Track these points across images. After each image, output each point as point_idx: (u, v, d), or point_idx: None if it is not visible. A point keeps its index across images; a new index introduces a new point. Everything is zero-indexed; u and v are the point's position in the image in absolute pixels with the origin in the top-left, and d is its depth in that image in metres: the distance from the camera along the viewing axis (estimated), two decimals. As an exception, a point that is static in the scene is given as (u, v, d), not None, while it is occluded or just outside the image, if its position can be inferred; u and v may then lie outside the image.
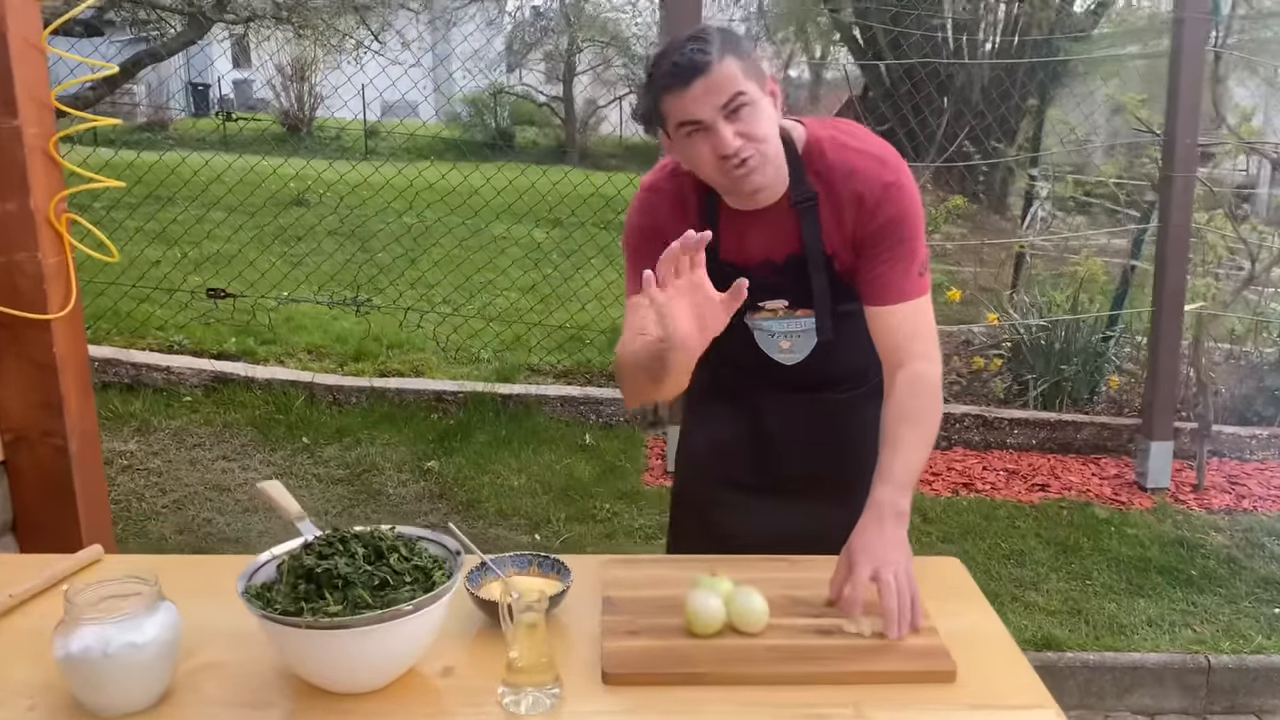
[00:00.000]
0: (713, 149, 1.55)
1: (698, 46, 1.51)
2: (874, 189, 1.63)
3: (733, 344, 1.84)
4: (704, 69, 1.50)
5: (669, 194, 1.73)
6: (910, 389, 1.63)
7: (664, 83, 1.53)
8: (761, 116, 1.56)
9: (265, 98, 18.57)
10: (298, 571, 1.39)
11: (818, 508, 1.87)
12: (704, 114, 1.53)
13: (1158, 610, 3.16)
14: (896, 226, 1.64)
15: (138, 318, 4.92)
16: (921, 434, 1.62)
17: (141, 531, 3.33)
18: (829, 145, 1.66)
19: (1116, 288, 4.90)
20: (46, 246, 2.17)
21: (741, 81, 1.52)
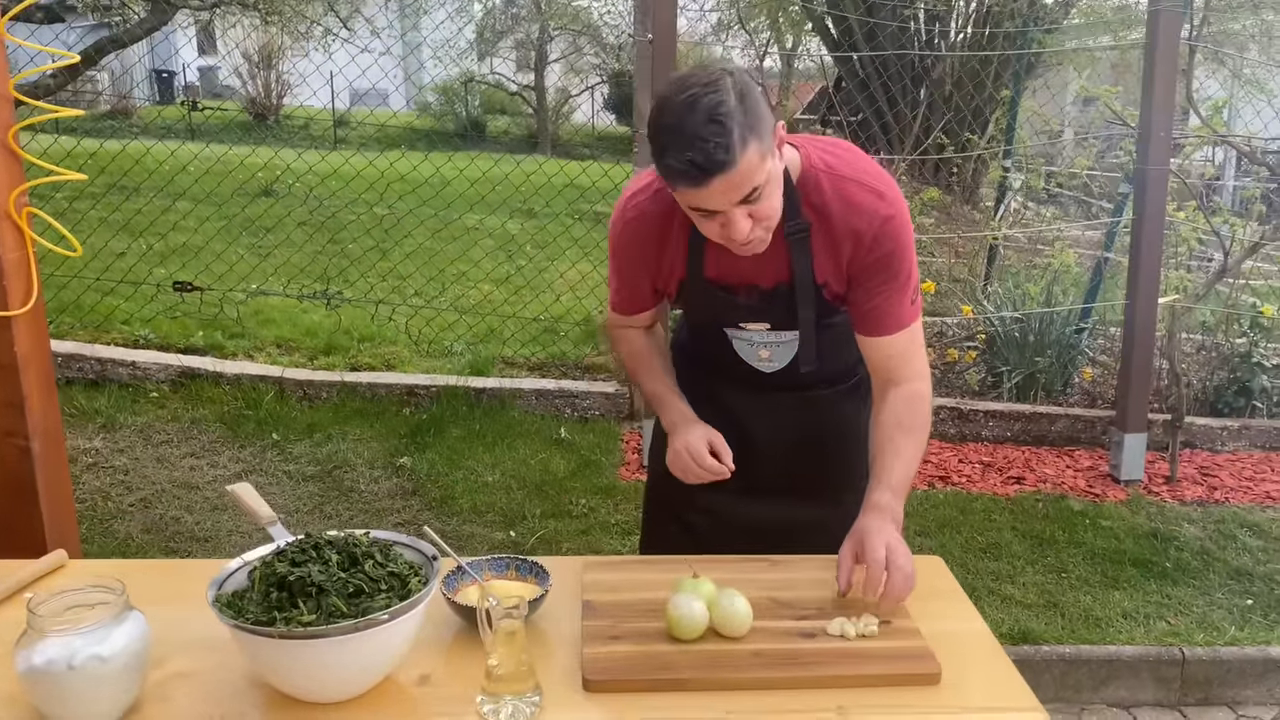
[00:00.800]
0: (721, 227, 1.50)
1: (718, 141, 1.38)
2: (872, 225, 1.60)
3: (711, 350, 1.82)
4: (724, 168, 1.40)
5: (653, 216, 1.68)
6: (907, 403, 1.68)
7: (678, 174, 1.42)
8: (773, 192, 1.50)
9: (232, 85, 18.31)
10: (270, 579, 1.36)
11: (795, 504, 1.87)
12: (720, 207, 1.47)
13: (1132, 603, 3.17)
14: (892, 260, 1.62)
15: (102, 311, 4.82)
16: (917, 444, 1.67)
17: (108, 531, 3.26)
18: (826, 177, 1.62)
19: (1090, 280, 4.92)
20: (6, 241, 2.11)
21: (759, 171, 1.43)
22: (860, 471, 1.91)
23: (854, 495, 1.90)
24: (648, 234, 1.69)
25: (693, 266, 1.70)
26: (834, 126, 6.87)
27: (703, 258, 1.68)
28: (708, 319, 1.79)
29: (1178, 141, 4.81)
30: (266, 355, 4.67)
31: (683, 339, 1.99)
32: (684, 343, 1.98)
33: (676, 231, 1.68)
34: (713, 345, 1.81)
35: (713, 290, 1.72)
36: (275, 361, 4.59)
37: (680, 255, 1.69)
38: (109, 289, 4.81)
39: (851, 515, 1.90)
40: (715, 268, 1.69)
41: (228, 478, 3.64)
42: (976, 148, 6.33)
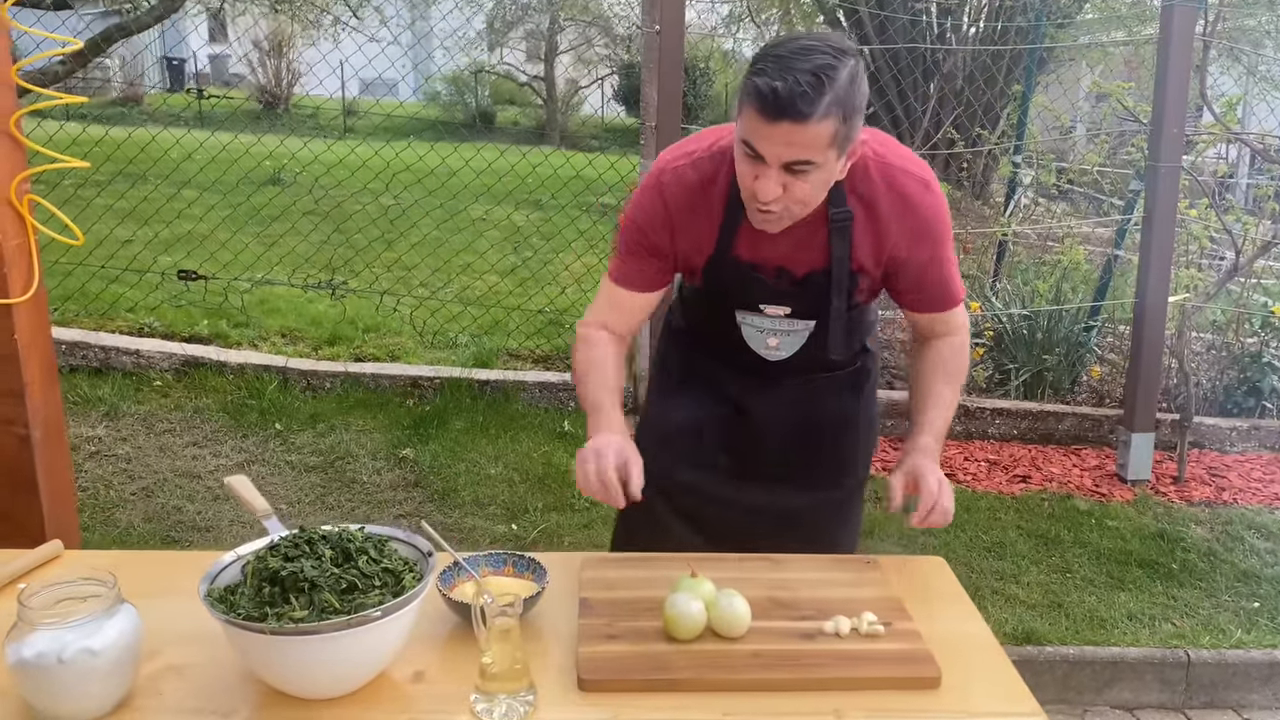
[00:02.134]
0: (752, 178, 1.49)
1: (810, 91, 1.37)
2: (925, 217, 1.62)
3: (717, 337, 1.80)
4: (800, 118, 1.39)
5: (690, 184, 1.64)
6: (953, 351, 1.76)
7: (757, 96, 1.40)
8: (818, 182, 1.48)
9: (241, 73, 18.31)
10: (262, 574, 1.35)
11: (791, 491, 1.86)
12: (767, 154, 1.45)
13: (1138, 604, 3.14)
14: (942, 245, 1.66)
15: (106, 299, 4.81)
16: (955, 391, 1.77)
17: (109, 520, 3.25)
18: (875, 165, 1.60)
19: (1099, 277, 4.88)
20: (7, 228, 2.11)
21: (821, 150, 1.42)
22: (856, 458, 1.91)
23: (851, 480, 1.91)
24: (683, 201, 1.65)
25: (723, 243, 1.66)
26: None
27: (735, 235, 1.65)
28: (726, 301, 1.74)
29: (1190, 138, 4.76)
30: (271, 345, 4.66)
31: (681, 324, 1.95)
32: (683, 327, 1.95)
33: (714, 204, 1.64)
34: (719, 331, 1.78)
35: (741, 268, 1.68)
36: (280, 351, 4.58)
37: (712, 230, 1.66)
38: (114, 277, 4.80)
39: (847, 501, 1.92)
40: (747, 248, 1.66)
41: (230, 467, 3.63)
42: (987, 143, 6.29)
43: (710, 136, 1.67)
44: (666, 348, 1.98)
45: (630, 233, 1.71)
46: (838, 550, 1.90)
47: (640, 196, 1.69)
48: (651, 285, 1.74)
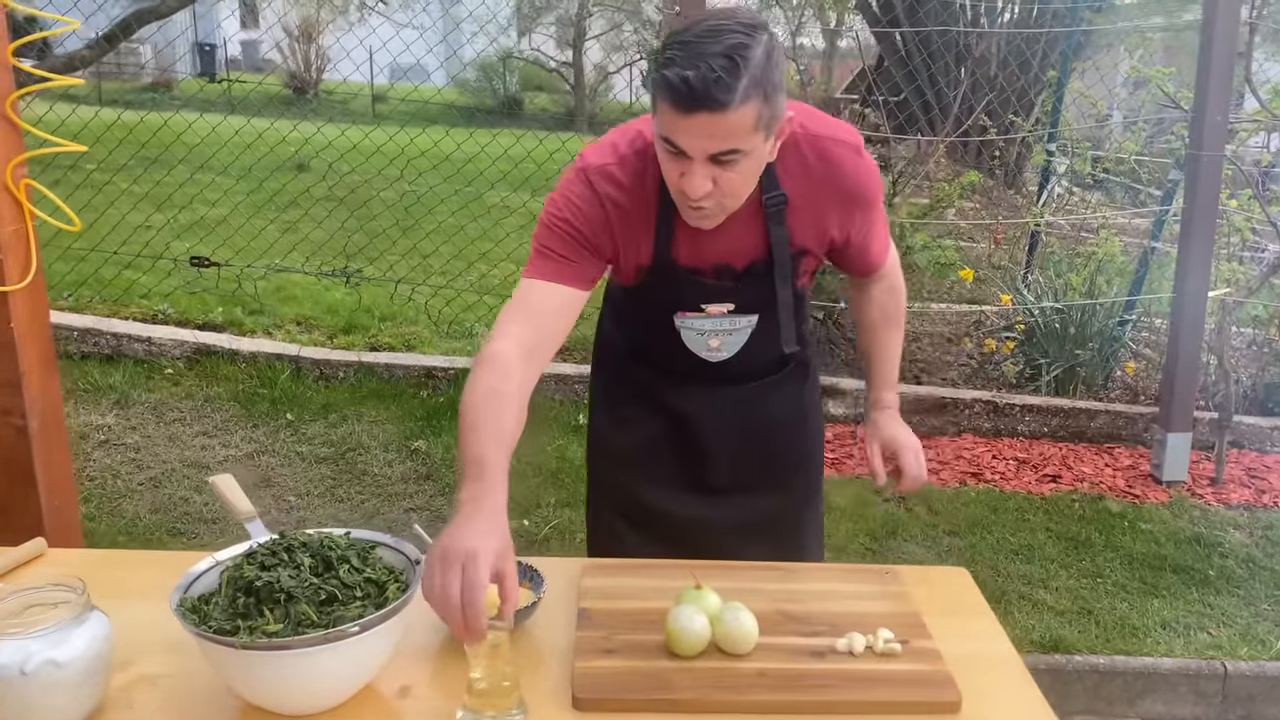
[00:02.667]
0: (678, 175, 1.39)
1: (724, 78, 1.27)
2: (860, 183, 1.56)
3: (654, 343, 1.71)
4: (717, 107, 1.29)
5: (622, 185, 1.52)
6: (889, 294, 1.77)
7: (670, 90, 1.31)
8: (749, 169, 1.39)
9: (273, 59, 18.38)
10: (237, 583, 1.28)
11: (748, 499, 1.79)
12: (689, 149, 1.35)
13: (1172, 612, 3.03)
14: (873, 205, 1.61)
15: (120, 285, 4.79)
16: (899, 332, 1.80)
17: (115, 510, 3.21)
18: (803, 140, 1.51)
19: (1135, 270, 4.73)
20: (4, 214, 2.07)
21: (746, 136, 1.33)
22: (806, 452, 1.86)
23: (802, 479, 1.85)
24: (619, 204, 1.51)
25: (661, 248, 1.56)
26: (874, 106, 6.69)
27: (672, 239, 1.55)
28: (664, 305, 1.64)
29: (1233, 126, 4.59)
30: (286, 333, 4.61)
31: (613, 335, 1.85)
32: (614, 339, 1.84)
33: (647, 208, 1.53)
34: (657, 336, 1.68)
35: (680, 274, 1.59)
36: (294, 339, 4.54)
37: (649, 235, 1.55)
38: (127, 262, 4.77)
39: (803, 500, 1.86)
40: (685, 251, 1.57)
41: (239, 458, 3.58)
42: (1021, 130, 6.13)
43: (631, 131, 1.55)
44: (600, 362, 1.89)
45: (560, 229, 1.52)
46: (806, 554, 1.84)
47: (572, 196, 1.52)
48: (574, 279, 1.52)
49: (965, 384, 4.61)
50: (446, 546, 1.17)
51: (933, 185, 5.22)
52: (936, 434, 4.24)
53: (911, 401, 4.27)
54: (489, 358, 1.42)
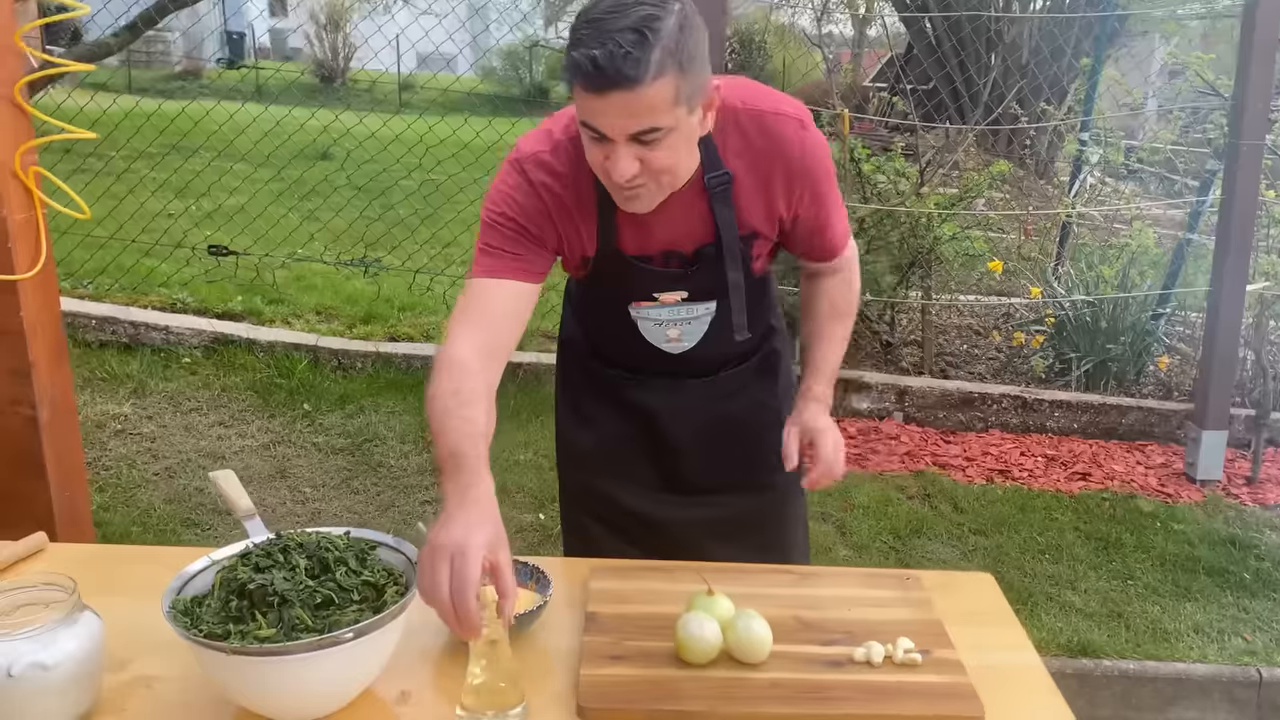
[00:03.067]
0: (603, 159, 1.33)
1: (633, 53, 1.21)
2: (793, 150, 1.48)
3: (612, 336, 1.65)
4: (628, 84, 1.23)
5: (557, 173, 1.47)
6: (841, 288, 1.69)
7: (579, 71, 1.25)
8: (678, 145, 1.33)
9: (300, 47, 18.45)
10: (230, 586, 1.24)
11: (724, 498, 1.74)
12: (610, 131, 1.29)
13: (1205, 616, 2.94)
14: (822, 182, 1.53)
15: (139, 273, 4.78)
16: (846, 328, 1.71)
17: (130, 500, 3.20)
18: (745, 115, 1.46)
19: (1170, 262, 4.61)
20: (12, 202, 2.05)
21: (666, 111, 1.27)
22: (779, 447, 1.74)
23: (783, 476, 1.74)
24: (556, 193, 1.47)
25: (605, 237, 1.50)
26: (903, 94, 6.58)
27: (615, 226, 1.49)
28: (616, 296, 1.59)
29: (1274, 115, 4.47)
30: (305, 323, 4.59)
31: (573, 332, 1.80)
32: (575, 336, 1.79)
33: (586, 195, 1.48)
34: (614, 330, 1.63)
35: (627, 262, 1.53)
36: (313, 329, 4.51)
37: (590, 225, 1.50)
38: (147, 250, 4.77)
39: (784, 499, 1.80)
40: (630, 238, 1.51)
41: (255, 448, 3.56)
42: (1053, 119, 6.01)
43: (565, 117, 1.49)
44: (562, 360, 1.84)
45: (501, 225, 1.46)
46: (792, 552, 1.80)
47: (506, 188, 1.48)
48: (521, 273, 1.47)
49: (993, 378, 4.52)
50: (435, 541, 1.16)
51: (962, 175, 5.12)
52: (963, 429, 4.16)
53: (938, 396, 4.19)
54: (447, 363, 1.39)
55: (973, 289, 5.53)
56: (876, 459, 3.84)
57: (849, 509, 3.44)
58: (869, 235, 4.40)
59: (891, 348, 4.64)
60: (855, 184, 4.39)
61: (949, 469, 3.78)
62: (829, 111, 4.52)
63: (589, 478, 1.76)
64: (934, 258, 4.46)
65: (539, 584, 1.45)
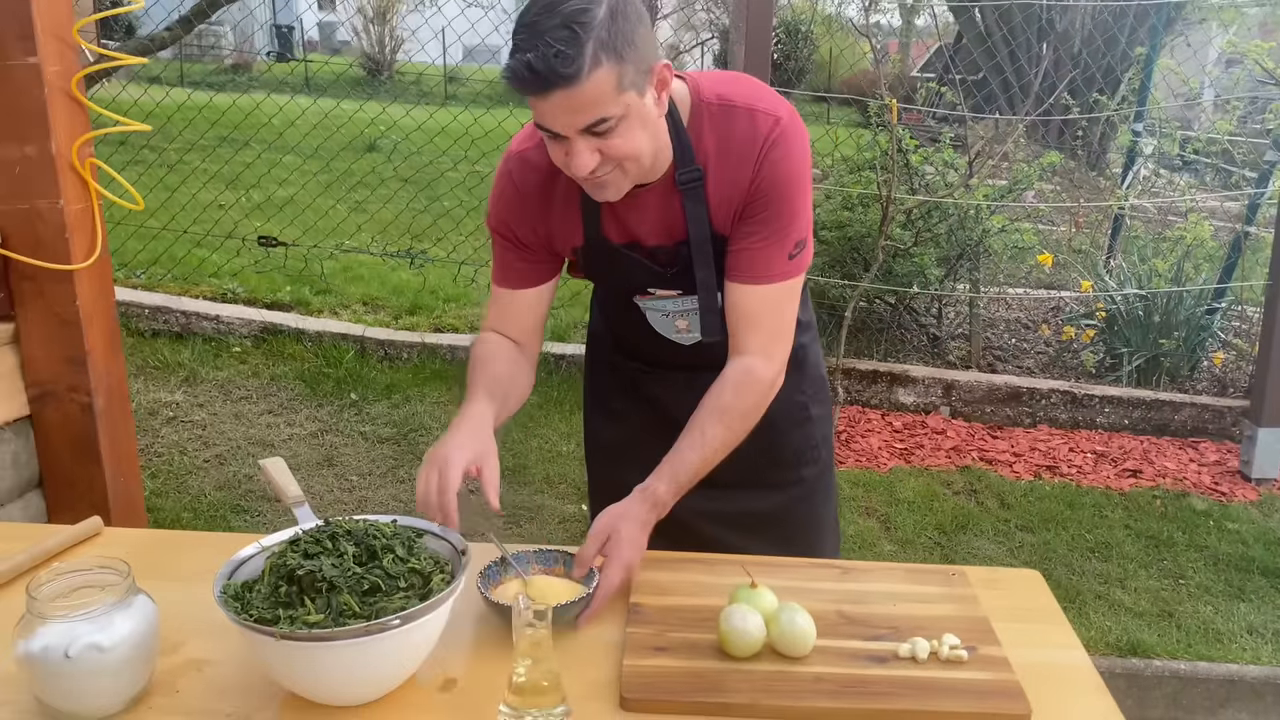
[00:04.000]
0: (564, 156, 1.34)
1: (564, 50, 1.22)
2: (760, 148, 1.42)
3: (626, 328, 1.65)
4: (567, 82, 1.23)
5: (538, 167, 1.50)
6: (737, 385, 1.49)
7: (516, 77, 1.26)
8: (634, 131, 1.32)
9: (349, 40, 18.62)
10: (280, 572, 1.25)
11: (749, 494, 1.73)
12: (561, 129, 1.30)
13: (1260, 617, 2.88)
14: (775, 193, 1.44)
15: (191, 263, 4.87)
16: (730, 436, 1.50)
17: (181, 487, 3.26)
18: (719, 109, 1.44)
19: (1226, 255, 4.50)
20: (69, 193, 2.09)
21: (611, 100, 1.27)
22: (811, 444, 1.77)
23: (811, 469, 1.75)
24: (536, 188, 1.51)
25: (590, 227, 1.52)
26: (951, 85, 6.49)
27: (599, 217, 1.51)
28: (615, 286, 1.62)
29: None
30: (351, 313, 4.64)
31: (598, 325, 1.81)
32: (600, 330, 1.81)
33: (566, 186, 1.49)
34: (626, 321, 1.64)
35: (616, 252, 1.53)
36: (360, 319, 4.56)
37: (574, 215, 1.52)
38: (198, 240, 4.85)
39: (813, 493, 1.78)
40: (614, 227, 1.52)
41: (303, 436, 3.61)
42: (1106, 109, 5.89)
43: None
44: (590, 356, 1.85)
45: (495, 229, 1.57)
46: (821, 549, 1.78)
47: (495, 193, 1.55)
48: (530, 280, 1.58)
49: (1042, 373, 4.45)
50: (428, 454, 1.39)
51: (1011, 166, 5.04)
52: (1010, 425, 4.10)
53: (985, 390, 4.14)
54: (479, 339, 1.60)
55: (1021, 282, 5.45)
56: (922, 454, 3.80)
57: (894, 504, 3.41)
58: (916, 227, 4.35)
59: (939, 341, 4.59)
60: (904, 175, 4.34)
61: (996, 464, 3.74)
62: (877, 101, 4.47)
63: (614, 470, 1.75)
64: (982, 250, 4.40)
65: (586, 577, 1.45)
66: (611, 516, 1.44)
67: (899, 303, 4.56)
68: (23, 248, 2.03)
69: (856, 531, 3.20)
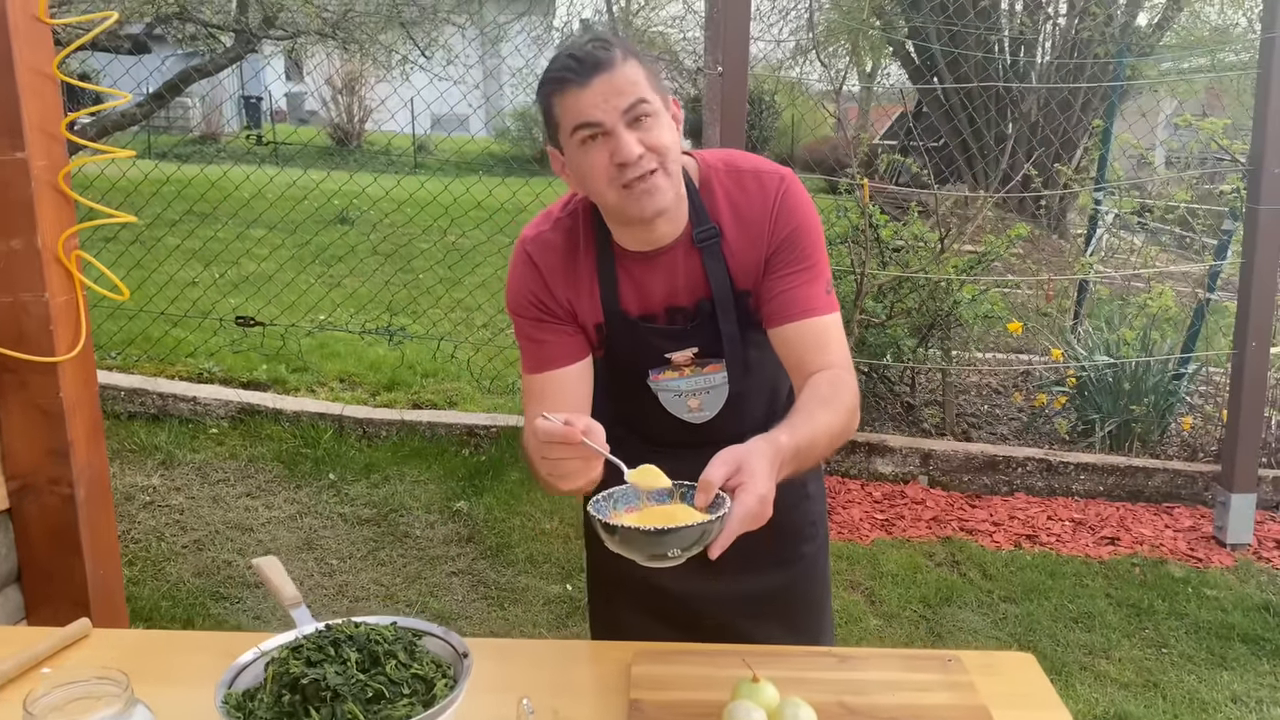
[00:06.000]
0: (611, 156, 1.40)
1: (599, 44, 1.39)
2: (775, 201, 1.52)
3: (636, 410, 1.67)
4: (606, 65, 1.37)
5: (555, 246, 1.56)
6: (831, 381, 1.47)
7: (560, 77, 1.39)
8: (666, 128, 1.43)
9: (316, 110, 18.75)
10: (283, 680, 1.23)
11: (754, 573, 1.72)
12: (604, 116, 1.38)
13: (1243, 685, 2.89)
14: (799, 238, 1.52)
15: (167, 344, 4.84)
16: (834, 416, 1.43)
17: (159, 574, 3.20)
18: (726, 173, 1.54)
19: (1191, 321, 4.60)
20: (54, 285, 2.09)
21: (645, 88, 1.40)
22: (810, 519, 1.77)
23: (811, 545, 1.76)
24: (557, 266, 1.55)
25: (607, 301, 1.55)
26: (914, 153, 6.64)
27: (616, 288, 1.55)
28: (631, 362, 1.62)
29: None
30: (329, 391, 4.62)
31: (602, 408, 1.75)
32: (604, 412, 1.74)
33: (585, 261, 1.55)
34: (636, 402, 1.64)
35: (633, 325, 1.56)
36: (338, 397, 4.54)
37: (594, 289, 1.55)
38: (175, 321, 4.82)
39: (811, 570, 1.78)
40: (631, 297, 1.55)
41: (282, 519, 3.57)
42: (1063, 177, 6.06)
43: (565, 197, 1.61)
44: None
45: (524, 314, 1.56)
46: (823, 628, 1.79)
47: (515, 276, 1.58)
48: (567, 356, 1.55)
49: (1015, 439, 4.50)
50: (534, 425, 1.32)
51: (979, 235, 5.15)
52: (988, 493, 4.13)
53: (961, 459, 4.18)
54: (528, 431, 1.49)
55: (991, 346, 5.54)
56: (903, 524, 3.81)
57: (877, 576, 3.41)
58: (889, 300, 4.42)
59: (913, 409, 4.64)
60: (874, 250, 4.42)
61: (976, 534, 3.76)
62: (847, 180, 4.57)
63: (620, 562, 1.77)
64: (954, 320, 4.48)
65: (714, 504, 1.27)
66: (737, 450, 1.28)
67: (873, 372, 4.62)
68: (6, 340, 2.02)
69: (842, 606, 3.20)
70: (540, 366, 1.56)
